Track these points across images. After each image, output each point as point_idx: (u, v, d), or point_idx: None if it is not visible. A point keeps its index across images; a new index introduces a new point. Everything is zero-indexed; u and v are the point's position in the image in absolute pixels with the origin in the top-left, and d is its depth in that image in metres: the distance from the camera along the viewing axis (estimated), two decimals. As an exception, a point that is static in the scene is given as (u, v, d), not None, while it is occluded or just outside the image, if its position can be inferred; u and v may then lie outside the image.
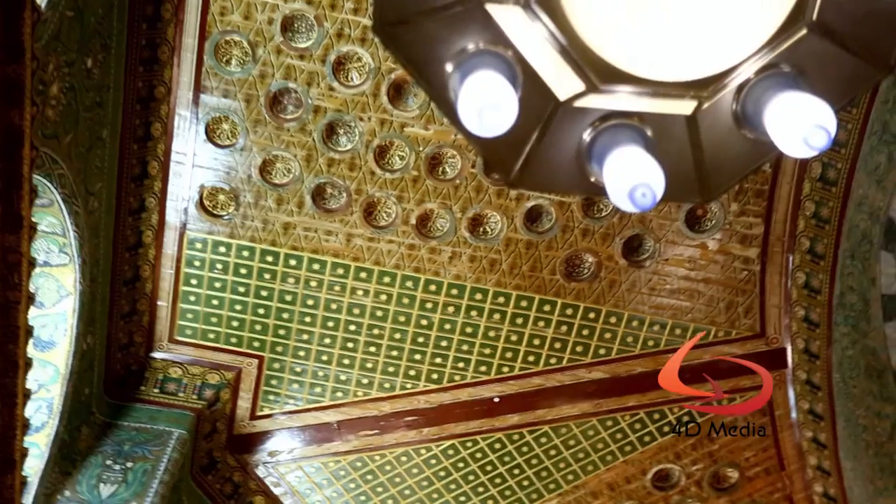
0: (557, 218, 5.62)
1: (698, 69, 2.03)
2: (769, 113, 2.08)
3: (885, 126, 5.01)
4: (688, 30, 1.93)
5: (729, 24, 1.95)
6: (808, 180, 5.51)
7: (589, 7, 1.93)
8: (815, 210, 5.58)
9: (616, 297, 5.91)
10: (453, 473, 6.43)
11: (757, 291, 5.96)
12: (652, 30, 1.93)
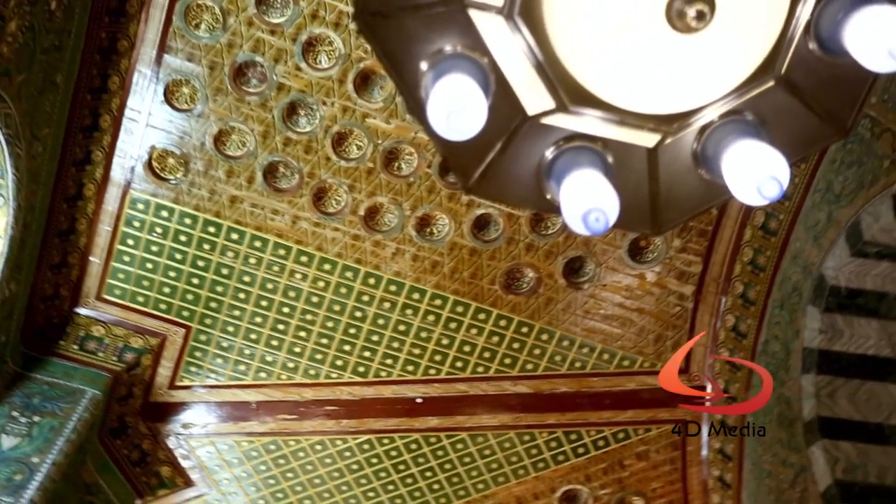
0: (505, 229, 5.66)
1: (666, 105, 2.07)
2: (727, 157, 2.13)
3: (829, 185, 5.17)
4: (662, 66, 1.97)
5: (702, 66, 2.00)
6: (751, 227, 5.66)
7: (570, 28, 1.96)
8: (752, 257, 5.73)
9: (551, 315, 5.97)
10: (366, 468, 6.41)
11: (687, 328, 6.08)
12: (628, 60, 1.96)
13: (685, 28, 1.81)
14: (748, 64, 2.03)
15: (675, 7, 1.81)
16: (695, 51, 1.93)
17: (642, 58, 1.96)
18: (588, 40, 1.97)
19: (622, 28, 1.91)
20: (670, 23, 1.83)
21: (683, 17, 1.78)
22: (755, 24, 1.95)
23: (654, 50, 1.93)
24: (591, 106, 2.10)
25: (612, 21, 1.91)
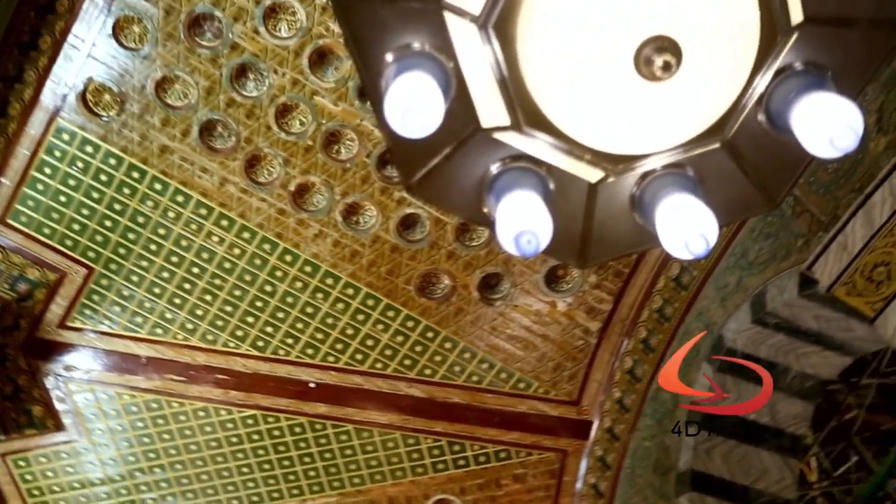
0: (430, 233, 5.68)
1: (616, 145, 2.12)
2: (661, 207, 2.19)
3: (745, 252, 5.36)
4: (620, 106, 2.02)
5: (657, 114, 2.05)
6: (665, 277, 5.82)
7: (540, 51, 1.99)
8: (661, 306, 5.90)
9: (458, 325, 6.01)
10: (245, 443, 6.33)
11: (586, 363, 6.21)
12: (589, 94, 2.00)
13: (650, 75, 1.86)
14: (700, 122, 2.09)
15: (644, 53, 1.86)
16: (653, 98, 1.98)
17: (603, 95, 2.00)
18: (555, 66, 2.00)
19: (590, 62, 1.95)
20: (637, 67, 1.87)
21: (650, 64, 1.83)
22: (715, 85, 2.02)
23: (616, 90, 1.97)
24: (544, 130, 2.13)
25: (581, 53, 1.94)
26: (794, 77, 2.08)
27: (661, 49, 1.84)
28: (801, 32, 2.03)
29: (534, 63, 2.01)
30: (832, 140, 1.88)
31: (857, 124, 1.88)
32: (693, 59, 1.89)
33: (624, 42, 1.88)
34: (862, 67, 2.15)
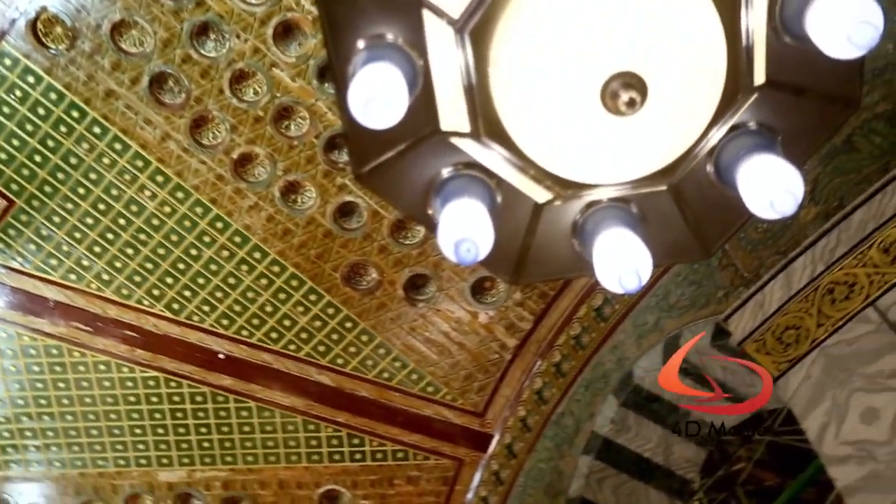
0: (366, 224, 5.66)
1: (569, 170, 2.15)
2: (602, 238, 2.24)
3: (667, 295, 5.50)
4: (580, 134, 2.05)
5: (613, 147, 2.09)
6: (587, 306, 5.92)
7: (512, 67, 2.00)
8: (579, 333, 6.00)
9: (378, 319, 6.00)
10: (142, 404, 6.19)
11: (497, 377, 6.27)
12: (551, 116, 2.03)
13: (613, 109, 1.90)
14: (652, 163, 2.14)
15: (611, 86, 1.89)
16: (612, 132, 2.02)
17: (565, 119, 2.03)
18: (523, 83, 2.02)
19: (558, 85, 1.97)
20: (602, 99, 1.91)
21: (616, 98, 1.86)
22: (673, 130, 2.07)
23: (578, 117, 2.00)
24: (501, 143, 2.15)
25: (551, 75, 1.97)
26: (747, 135, 2.15)
27: (628, 85, 1.88)
28: (760, 93, 2.10)
29: (503, 76, 2.02)
30: (773, 203, 1.95)
31: (798, 191, 1.95)
32: (657, 101, 1.94)
33: (594, 73, 1.91)
34: (811, 138, 2.23)
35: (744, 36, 2.00)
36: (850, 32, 1.74)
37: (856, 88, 2.14)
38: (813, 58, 1.88)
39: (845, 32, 1.75)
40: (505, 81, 2.02)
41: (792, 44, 1.98)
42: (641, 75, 1.90)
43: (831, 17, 1.82)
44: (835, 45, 1.77)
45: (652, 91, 1.90)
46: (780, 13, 1.97)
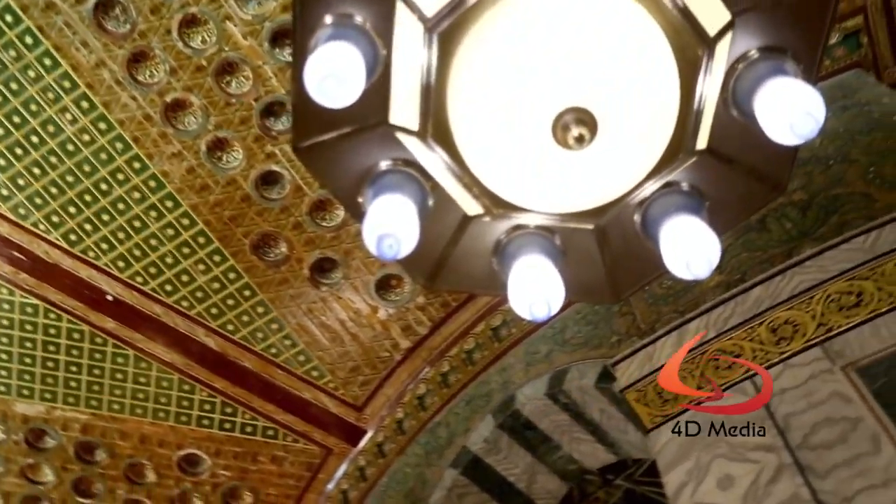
0: (287, 197, 5.59)
1: (505, 189, 2.18)
2: (520, 262, 2.27)
3: (564, 329, 5.62)
4: (523, 158, 2.07)
5: (551, 179, 2.12)
6: (486, 323, 5.99)
7: (472, 77, 2.02)
8: (472, 348, 6.07)
9: (278, 294, 5.93)
10: (14, 329, 5.94)
11: (383, 375, 6.28)
12: (500, 134, 2.05)
13: (561, 141, 1.92)
14: (586, 200, 2.18)
15: (563, 120, 1.91)
16: (554, 161, 2.04)
17: (512, 140, 2.04)
18: (480, 95, 2.01)
19: (513, 105, 1.99)
20: (553, 130, 1.93)
21: (566, 132, 1.89)
22: (611, 175, 2.11)
23: (525, 141, 2.01)
24: (445, 148, 2.14)
25: (509, 94, 1.98)
26: (678, 195, 2.22)
27: (581, 121, 1.91)
28: (699, 158, 2.17)
29: (462, 85, 2.03)
30: (688, 264, 2.02)
31: (713, 258, 2.02)
32: (604, 143, 1.98)
33: (551, 102, 1.94)
34: (736, 210, 2.32)
35: (696, 100, 2.07)
36: (793, 121, 1.83)
37: (785, 173, 2.24)
38: (754, 136, 1.96)
39: (789, 120, 1.83)
40: (463, 90, 2.03)
41: (738, 118, 2.06)
42: (595, 115, 1.94)
43: (778, 103, 1.91)
44: (777, 129, 1.85)
45: (601, 132, 1.95)
46: (733, 86, 2.04)
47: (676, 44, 1.96)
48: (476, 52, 2.00)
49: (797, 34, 2.00)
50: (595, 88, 1.93)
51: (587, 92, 1.93)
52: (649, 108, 1.98)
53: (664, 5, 1.96)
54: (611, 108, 1.94)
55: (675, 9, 1.96)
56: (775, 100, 1.91)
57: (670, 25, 1.95)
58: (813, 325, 3.97)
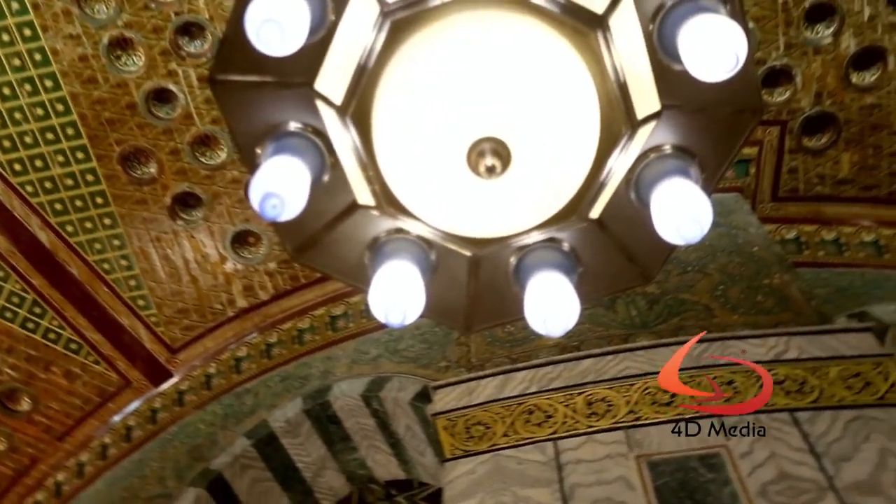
0: (174, 121, 5.38)
1: (398, 187, 2.19)
2: (384, 267, 2.29)
3: (400, 339, 5.68)
4: (455, 197, 2.10)
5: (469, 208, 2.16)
6: (326, 309, 5.97)
7: (392, 141, 2.05)
8: (305, 328, 6.03)
9: (131, 212, 5.68)
10: None
11: (209, 327, 6.13)
12: (431, 183, 2.07)
13: (480, 174, 1.95)
14: (538, 213, 2.21)
15: (474, 153, 1.94)
16: (469, 190, 2.06)
17: (443, 184, 2.06)
18: (404, 154, 2.06)
19: (432, 154, 2.01)
20: (469, 165, 1.96)
21: (479, 165, 1.92)
22: (552, 179, 2.12)
23: (453, 182, 2.03)
24: (360, 134, 2.16)
25: (425, 144, 2.00)
26: (555, 252, 2.28)
27: (496, 153, 1.93)
28: (588, 225, 2.25)
29: (398, 77, 2.04)
30: (545, 321, 2.09)
31: (571, 321, 2.09)
32: (509, 181, 2.01)
33: (473, 127, 1.96)
34: (603, 285, 2.42)
35: (605, 172, 2.13)
36: (680, 223, 1.92)
37: (657, 267, 2.34)
38: (642, 224, 2.04)
39: (677, 221, 1.93)
40: (397, 83, 2.04)
41: (634, 202, 2.15)
42: (503, 138, 1.95)
43: (672, 202, 2.00)
44: (664, 225, 1.94)
45: (511, 171, 1.98)
46: (639, 172, 2.12)
47: (606, 114, 2.04)
48: (421, 53, 2.01)
49: (710, 143, 2.11)
50: (520, 129, 1.97)
51: (511, 129, 1.96)
52: (563, 164, 2.04)
53: (607, 74, 2.04)
54: (527, 151, 1.98)
55: (616, 82, 2.03)
56: (670, 198, 2.01)
57: (606, 95, 2.03)
58: (625, 409, 4.18)
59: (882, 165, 5.51)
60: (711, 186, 2.14)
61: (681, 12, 1.97)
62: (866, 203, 5.64)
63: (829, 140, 5.51)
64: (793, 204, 5.71)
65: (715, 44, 1.82)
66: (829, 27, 5.14)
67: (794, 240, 5.67)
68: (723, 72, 1.81)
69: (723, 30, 1.82)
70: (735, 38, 1.80)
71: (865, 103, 5.32)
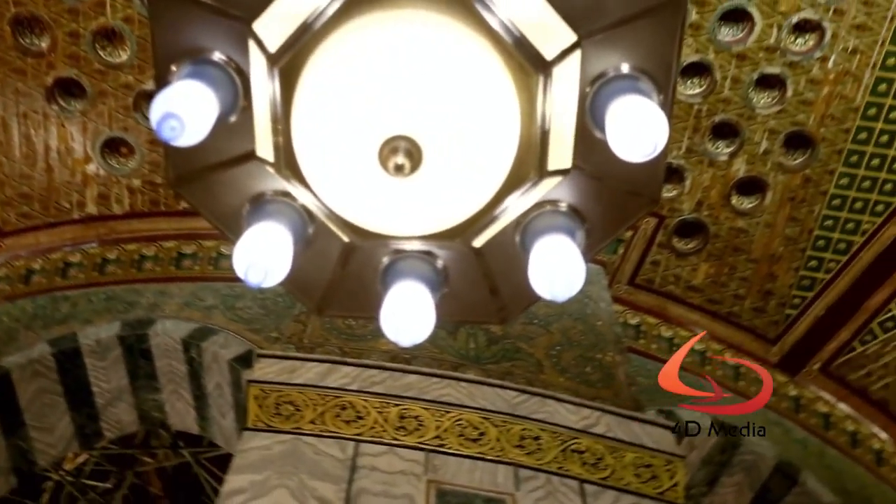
0: (84, 4, 5.07)
1: (353, 215, 2.18)
2: (390, 293, 2.27)
3: (240, 296, 5.57)
4: (357, 185, 2.09)
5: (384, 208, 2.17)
6: (178, 242, 5.80)
7: (311, 109, 2.03)
8: (149, 255, 5.80)
9: (6, 78, 5.26)
10: None
11: (48, 222, 5.77)
12: (335, 162, 2.06)
13: (387, 169, 1.93)
14: (429, 224, 2.22)
15: (387, 149, 1.93)
16: (403, 190, 2.07)
17: (346, 169, 2.05)
18: (318, 125, 2.04)
19: (345, 136, 2.00)
20: (380, 159, 1.94)
21: (388, 160, 1.91)
22: (450, 198, 2.14)
23: (358, 171, 2.03)
24: (298, 181, 2.17)
25: (342, 124, 1.99)
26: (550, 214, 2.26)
27: (401, 150, 1.92)
28: (569, 178, 2.22)
29: (302, 115, 2.04)
30: (552, 285, 2.03)
31: (575, 282, 2.01)
32: (436, 169, 2.01)
33: (377, 131, 1.96)
34: (613, 224, 2.39)
35: (540, 122, 2.12)
36: (634, 138, 1.90)
37: (657, 188, 2.32)
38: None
39: (631, 136, 1.91)
40: (304, 121, 2.03)
41: (601, 137, 2.09)
42: (420, 144, 1.95)
43: (622, 120, 1.96)
44: (620, 145, 1.90)
45: (433, 160, 1.97)
46: (589, 106, 2.11)
47: (522, 154, 2.06)
48: (313, 84, 2.01)
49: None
50: (438, 139, 1.97)
51: (429, 136, 1.96)
52: (466, 187, 2.06)
53: (535, 118, 2.06)
54: (437, 162, 1.99)
55: (540, 127, 2.06)
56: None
57: (527, 136, 2.06)
58: (433, 433, 4.25)
59: (731, 286, 5.88)
60: (590, 255, 2.22)
61: (617, 87, 2.05)
62: (706, 315, 6.00)
63: (695, 247, 5.83)
64: (645, 293, 6.01)
65: (639, 127, 1.89)
66: (729, 147, 5.47)
67: (635, 326, 5.96)
68: (638, 155, 1.89)
69: (650, 117, 1.90)
70: (658, 129, 1.88)
71: (736, 225, 5.67)
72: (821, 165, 5.35)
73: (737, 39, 5.08)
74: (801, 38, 5.10)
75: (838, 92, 5.13)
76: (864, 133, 5.22)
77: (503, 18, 2.02)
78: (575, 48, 2.05)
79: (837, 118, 5.20)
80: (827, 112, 5.18)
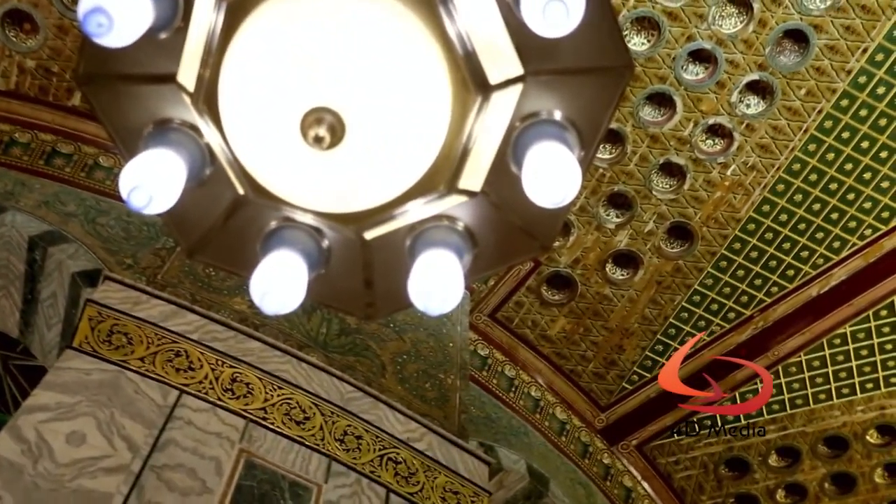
0: None
1: (259, 173, 2.13)
2: (267, 258, 2.19)
3: (120, 217, 5.31)
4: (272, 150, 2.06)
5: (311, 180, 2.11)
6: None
7: (247, 60, 1.96)
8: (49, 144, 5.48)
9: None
10: None
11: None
12: (258, 119, 2.00)
13: (308, 140, 1.88)
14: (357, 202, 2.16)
15: (308, 119, 1.89)
16: (319, 164, 2.01)
17: (265, 132, 2.02)
18: (244, 86, 1.99)
19: (268, 100, 1.96)
20: (301, 130, 1.90)
21: (308, 132, 1.87)
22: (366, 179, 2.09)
23: (278, 137, 1.99)
24: (213, 121, 2.11)
25: (267, 88, 1.95)
26: (445, 230, 2.24)
27: (324, 122, 1.86)
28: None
29: (237, 59, 1.96)
30: (428, 296, 2.02)
31: (573, 184, 1.95)
32: (356, 150, 1.97)
33: (305, 99, 1.91)
34: (499, 257, 2.37)
35: (465, 139, 2.11)
36: (543, 185, 1.91)
37: (551, 235, 2.29)
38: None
39: (548, 181, 1.91)
40: (236, 66, 1.96)
41: (516, 172, 2.09)
42: (345, 120, 1.91)
43: (542, 168, 1.96)
44: (538, 190, 1.92)
45: (355, 139, 1.94)
46: (514, 141, 2.11)
47: (456, 81, 2.01)
48: (258, 29, 1.93)
49: (582, 107, 2.13)
50: (359, 98, 1.93)
51: (349, 99, 1.92)
52: (413, 132, 2.00)
53: (450, 39, 2.00)
54: (370, 123, 1.95)
55: (461, 45, 2.00)
56: (539, 160, 1.99)
57: (453, 60, 1.99)
58: (259, 404, 4.22)
59: (581, 346, 6.10)
60: (471, 280, 2.23)
61: (545, 130, 2.05)
62: (551, 366, 6.21)
63: (560, 300, 6.02)
64: (501, 330, 6.15)
65: (554, 175, 1.91)
66: (619, 217, 5.69)
67: (483, 358, 6.08)
68: (547, 201, 1.92)
69: (567, 168, 1.92)
70: (571, 182, 1.88)
71: (603, 291, 5.90)
72: (693, 260, 5.64)
73: (656, 121, 5.30)
74: (711, 140, 5.38)
75: (728, 199, 5.43)
76: (739, 244, 5.55)
77: (461, 28, 2.01)
78: (519, 81, 2.07)
79: (721, 223, 5.50)
80: (713, 214, 5.48)
